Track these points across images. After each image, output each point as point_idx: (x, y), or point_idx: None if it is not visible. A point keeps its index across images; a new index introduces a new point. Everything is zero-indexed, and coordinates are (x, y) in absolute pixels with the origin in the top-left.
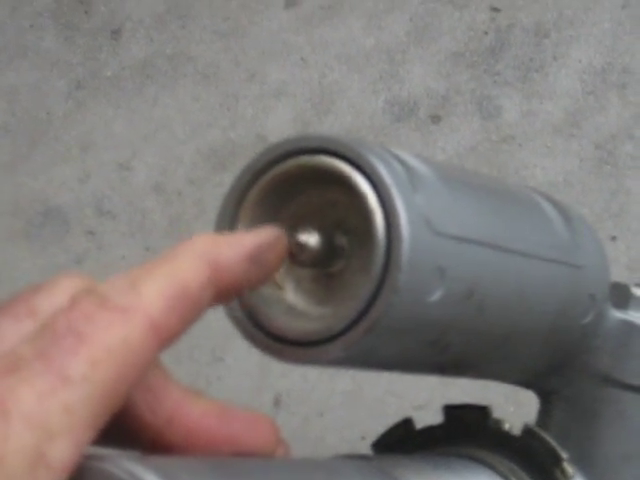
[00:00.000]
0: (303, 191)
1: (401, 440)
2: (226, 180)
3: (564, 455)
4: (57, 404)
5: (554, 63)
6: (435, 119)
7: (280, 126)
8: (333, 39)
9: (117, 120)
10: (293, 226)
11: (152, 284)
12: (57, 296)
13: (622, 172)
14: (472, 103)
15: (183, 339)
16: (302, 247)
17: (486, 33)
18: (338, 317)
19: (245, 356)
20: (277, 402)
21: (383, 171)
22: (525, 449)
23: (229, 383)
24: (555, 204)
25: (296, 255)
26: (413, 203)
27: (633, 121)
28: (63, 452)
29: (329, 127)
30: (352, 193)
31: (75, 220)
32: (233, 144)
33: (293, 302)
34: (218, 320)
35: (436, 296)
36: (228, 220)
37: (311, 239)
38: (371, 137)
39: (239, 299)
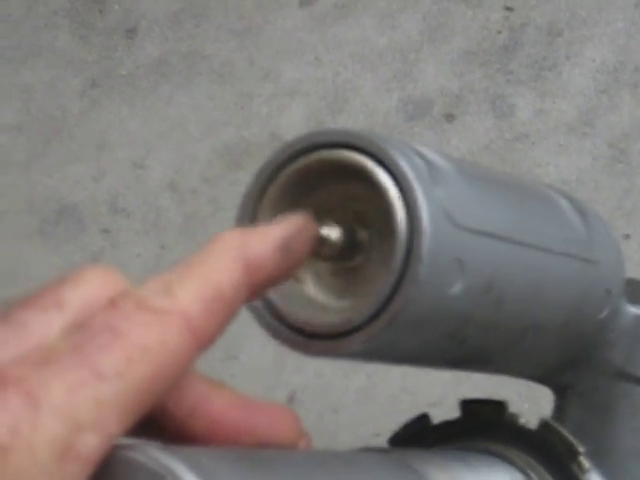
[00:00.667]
0: (323, 185)
1: (417, 435)
2: (240, 178)
3: (581, 449)
4: (88, 397)
5: (567, 62)
6: (449, 118)
7: (294, 124)
8: (347, 38)
9: (132, 118)
10: (314, 220)
11: (188, 287)
12: (83, 288)
13: (635, 170)
14: (485, 102)
15: None
16: (324, 241)
17: (499, 32)
18: (358, 310)
19: (259, 353)
20: (291, 399)
21: (404, 164)
22: (542, 443)
23: (243, 380)
24: (571, 200)
25: (318, 249)
26: (433, 196)
27: None
28: (91, 444)
29: (343, 125)
30: (373, 187)
31: (90, 218)
32: (247, 142)
33: (313, 295)
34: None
35: (456, 289)
36: (249, 215)
37: (333, 233)
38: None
39: None
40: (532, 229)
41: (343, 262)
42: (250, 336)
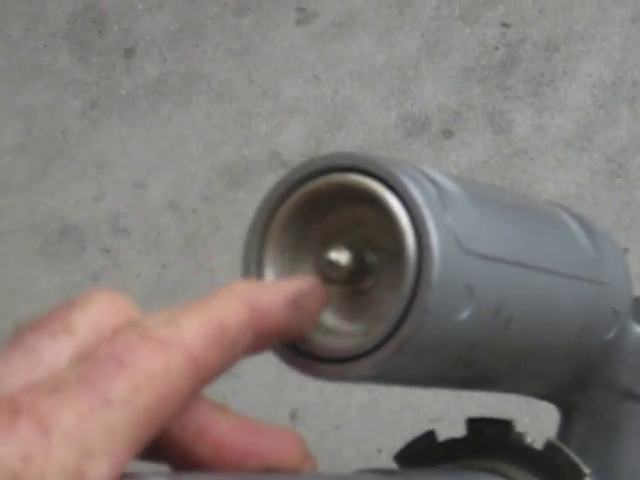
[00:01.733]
0: (333, 209)
1: (423, 452)
2: (240, 197)
3: (587, 470)
4: (97, 424)
5: (565, 77)
6: (447, 134)
7: (293, 142)
8: (345, 56)
9: (132, 138)
10: (323, 244)
11: (191, 320)
12: (91, 312)
13: (633, 184)
14: (484, 118)
15: None
16: (333, 265)
17: (497, 48)
18: (368, 335)
19: (261, 372)
20: (293, 417)
21: (415, 190)
22: (548, 464)
23: (245, 398)
24: (579, 220)
25: (327, 273)
26: (444, 222)
27: None
28: (102, 472)
29: (342, 143)
30: (383, 211)
31: (91, 238)
32: (247, 161)
33: (322, 319)
34: None
35: (465, 314)
36: (258, 238)
37: (342, 257)
38: (384, 153)
39: None
40: (541, 252)
41: (352, 286)
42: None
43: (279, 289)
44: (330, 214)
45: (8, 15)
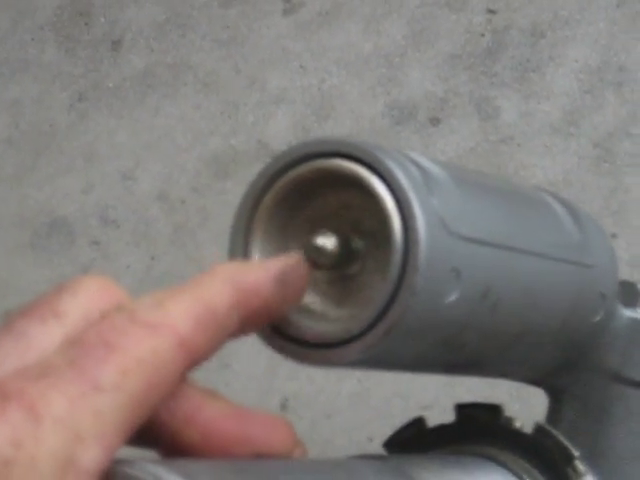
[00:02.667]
0: (319, 194)
1: (413, 439)
2: (229, 187)
3: (576, 453)
4: (88, 409)
5: (551, 63)
6: (434, 121)
7: (281, 132)
8: (331, 45)
9: (120, 130)
10: (310, 229)
11: (179, 303)
12: (81, 297)
13: (620, 169)
14: (470, 105)
15: None
16: (320, 250)
17: (483, 35)
18: (356, 320)
19: (252, 362)
20: (284, 406)
21: (400, 174)
22: (537, 447)
23: (237, 388)
24: (565, 204)
25: (314, 258)
26: (429, 205)
27: (630, 119)
28: (93, 456)
29: (329, 132)
30: (368, 196)
31: (80, 230)
32: (235, 151)
33: (310, 304)
34: None
35: (452, 297)
36: (244, 225)
37: (328, 242)
38: (371, 141)
39: None
40: (527, 235)
41: (339, 271)
42: (243, 344)
43: (264, 267)
44: (316, 200)
45: None
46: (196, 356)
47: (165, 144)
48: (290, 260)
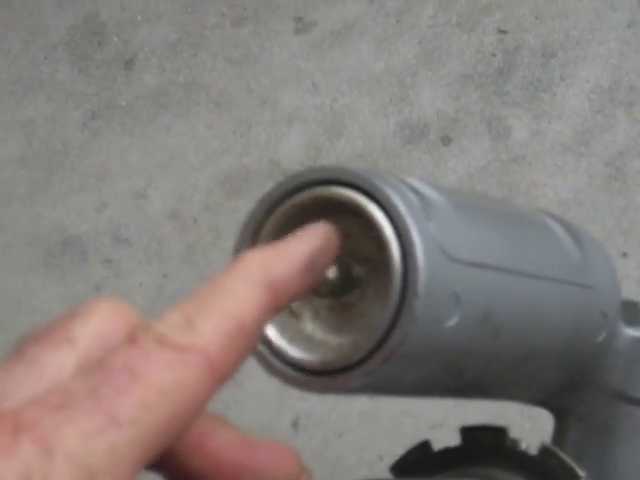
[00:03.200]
0: (319, 221)
1: (419, 462)
2: (241, 205)
3: (582, 474)
4: (103, 445)
5: (562, 83)
6: (445, 140)
7: (293, 151)
8: (343, 64)
9: (132, 149)
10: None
11: (209, 320)
12: (93, 322)
13: (631, 189)
14: (482, 124)
15: None
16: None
17: (494, 55)
18: (356, 346)
19: (263, 380)
20: (295, 424)
21: (398, 201)
22: (543, 468)
23: (248, 407)
24: (565, 225)
25: (315, 287)
26: (428, 231)
27: None
28: None
29: (341, 151)
30: (367, 223)
31: (93, 249)
32: (247, 170)
33: (311, 331)
34: None
35: (452, 322)
36: (245, 250)
37: (329, 271)
38: (383, 160)
39: None
40: (528, 258)
41: (340, 298)
42: (254, 363)
43: (292, 256)
44: None
45: (8, 28)
46: (224, 376)
47: (177, 163)
48: (319, 240)
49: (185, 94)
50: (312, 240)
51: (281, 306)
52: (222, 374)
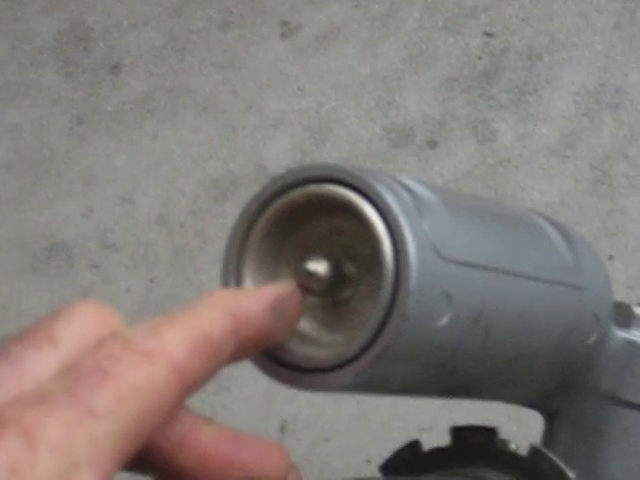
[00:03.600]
0: (310, 220)
1: (408, 462)
2: (228, 210)
3: (571, 475)
4: (83, 435)
5: (548, 86)
6: (432, 144)
7: (279, 155)
8: (329, 68)
9: (119, 154)
10: (302, 255)
11: (175, 330)
12: (76, 323)
13: (618, 191)
14: (468, 127)
15: None
16: (311, 275)
17: (480, 58)
18: (348, 344)
19: (250, 384)
20: (283, 428)
21: (390, 199)
22: (532, 469)
23: (235, 411)
24: (557, 226)
25: (306, 284)
26: (420, 230)
27: (627, 141)
28: None
29: (327, 155)
30: (359, 221)
31: (80, 254)
32: (233, 175)
33: (302, 329)
34: None
35: (444, 321)
36: (236, 250)
37: (320, 267)
38: (369, 164)
39: None
40: (520, 258)
41: (332, 296)
42: (241, 367)
43: (259, 295)
44: (308, 225)
45: None
46: (191, 382)
47: (164, 168)
48: (284, 289)
49: (171, 99)
50: (278, 287)
51: (247, 337)
52: (188, 379)
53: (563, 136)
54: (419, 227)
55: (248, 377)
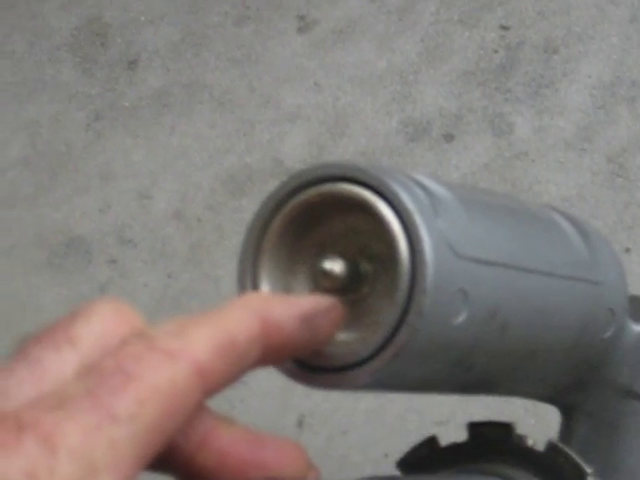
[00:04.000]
0: (326, 219)
1: (426, 458)
2: (244, 205)
3: (589, 470)
4: (103, 439)
5: (564, 79)
6: (448, 138)
7: (296, 150)
8: (346, 62)
9: (136, 150)
10: (318, 253)
11: (200, 331)
12: (95, 323)
13: (634, 184)
14: (484, 121)
15: None
16: (327, 274)
17: (496, 51)
18: (365, 343)
19: (268, 378)
20: (300, 423)
21: (405, 198)
22: (550, 465)
23: (252, 405)
24: (572, 221)
25: (321, 282)
26: (435, 228)
27: None
28: None
29: (344, 149)
30: (375, 220)
31: (97, 249)
32: (250, 169)
33: None
34: None
35: (460, 318)
36: (252, 249)
37: (336, 266)
38: (386, 158)
39: None
40: (535, 254)
41: (348, 294)
42: None
43: (293, 304)
44: (323, 224)
45: (12, 30)
46: (214, 385)
47: (181, 163)
48: (322, 302)
49: (188, 94)
50: (316, 301)
51: (274, 344)
52: (211, 381)
53: (579, 129)
54: (434, 225)
55: (265, 372)
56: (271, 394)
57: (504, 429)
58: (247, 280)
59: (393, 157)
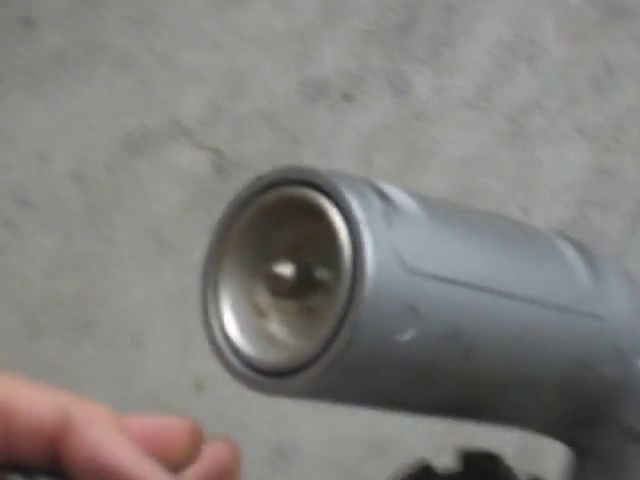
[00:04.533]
0: (290, 224)
1: None
2: (142, 166)
3: None
4: None
5: (463, 38)
6: (348, 98)
7: (194, 110)
8: (244, 22)
9: (33, 110)
10: (275, 257)
11: None
12: None
13: (533, 143)
14: (384, 81)
15: (103, 326)
16: (277, 278)
17: (395, 10)
18: (304, 351)
19: (165, 341)
20: (198, 386)
21: (355, 205)
22: None
23: (150, 368)
24: (580, 249)
25: (272, 286)
26: (385, 239)
27: (542, 92)
28: None
29: (243, 110)
30: (327, 225)
31: None
32: (148, 130)
33: (274, 332)
34: (137, 306)
35: (407, 336)
36: (215, 251)
37: (286, 270)
38: (285, 118)
39: (220, 324)
40: (517, 279)
41: (303, 300)
42: (156, 324)
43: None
44: (288, 229)
45: None
46: None
47: (79, 124)
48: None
49: (86, 54)
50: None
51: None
52: None
53: (479, 89)
54: (384, 236)
55: (162, 334)
56: (169, 357)
57: (492, 460)
58: (210, 282)
59: (292, 117)
